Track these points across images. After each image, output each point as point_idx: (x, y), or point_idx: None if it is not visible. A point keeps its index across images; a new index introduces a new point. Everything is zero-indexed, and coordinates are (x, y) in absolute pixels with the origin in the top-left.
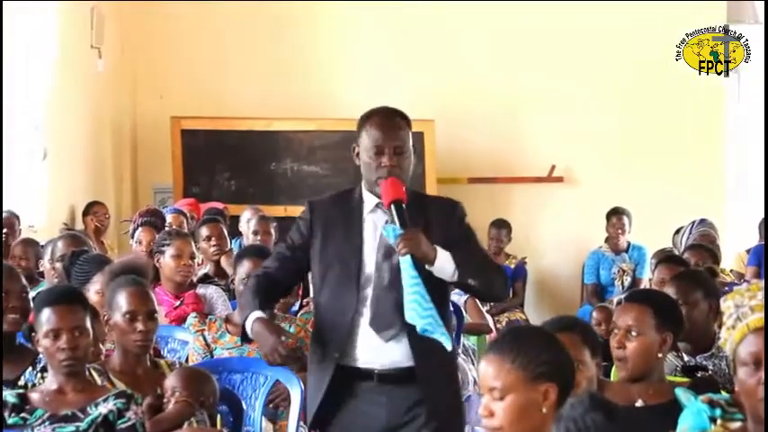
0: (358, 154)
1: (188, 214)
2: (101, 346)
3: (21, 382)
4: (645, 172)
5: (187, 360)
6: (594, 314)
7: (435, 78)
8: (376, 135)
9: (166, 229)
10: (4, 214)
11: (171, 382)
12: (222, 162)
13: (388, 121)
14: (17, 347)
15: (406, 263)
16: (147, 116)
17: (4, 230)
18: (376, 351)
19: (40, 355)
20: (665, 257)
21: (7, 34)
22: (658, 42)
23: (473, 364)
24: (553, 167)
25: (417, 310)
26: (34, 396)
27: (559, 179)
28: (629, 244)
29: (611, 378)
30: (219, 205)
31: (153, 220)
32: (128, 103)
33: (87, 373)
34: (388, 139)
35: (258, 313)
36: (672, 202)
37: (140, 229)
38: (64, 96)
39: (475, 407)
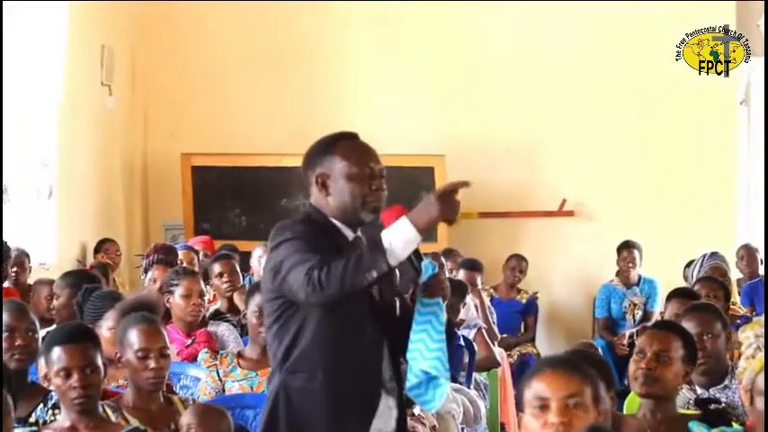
0: (323, 182)
1: (200, 251)
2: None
3: (32, 419)
4: (655, 206)
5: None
6: None
7: (445, 114)
8: (364, 157)
9: (175, 267)
10: (14, 252)
11: (186, 418)
12: (233, 198)
13: (367, 144)
14: (29, 385)
15: (436, 306)
16: (157, 153)
17: (15, 269)
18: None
19: (52, 392)
20: (678, 291)
21: (16, 71)
22: (669, 79)
23: (485, 398)
24: (564, 202)
25: (443, 362)
26: None
27: (570, 213)
28: (639, 277)
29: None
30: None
31: (166, 257)
32: (138, 141)
33: (101, 410)
34: (379, 162)
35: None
36: (682, 236)
37: (154, 266)
38: (74, 134)
39: None
